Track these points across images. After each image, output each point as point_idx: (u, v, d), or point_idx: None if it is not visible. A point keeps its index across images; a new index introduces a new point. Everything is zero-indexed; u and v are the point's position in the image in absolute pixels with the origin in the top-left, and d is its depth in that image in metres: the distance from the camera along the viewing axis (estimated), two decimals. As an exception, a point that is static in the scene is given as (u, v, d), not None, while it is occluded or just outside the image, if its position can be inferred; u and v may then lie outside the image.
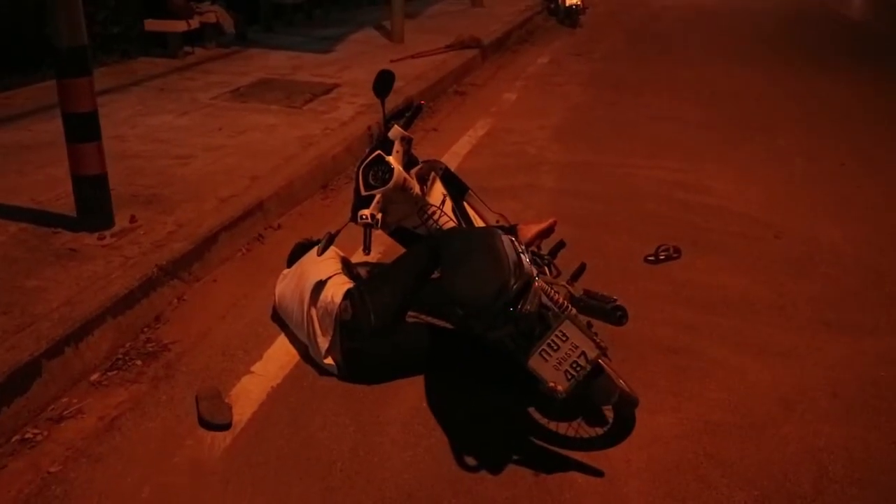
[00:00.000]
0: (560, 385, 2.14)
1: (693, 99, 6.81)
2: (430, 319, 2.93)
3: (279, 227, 3.92)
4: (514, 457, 2.34)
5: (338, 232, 2.83)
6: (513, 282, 2.17)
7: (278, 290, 2.97)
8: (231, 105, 5.58)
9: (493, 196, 3.57)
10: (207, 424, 2.41)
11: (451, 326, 2.90)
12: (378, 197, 2.63)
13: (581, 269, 2.68)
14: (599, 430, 2.39)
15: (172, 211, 3.60)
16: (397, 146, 2.75)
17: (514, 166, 4.93)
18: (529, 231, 2.87)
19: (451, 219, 2.88)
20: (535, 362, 2.16)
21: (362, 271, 3.02)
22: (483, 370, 2.68)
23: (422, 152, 3.16)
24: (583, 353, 2.14)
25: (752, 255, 3.73)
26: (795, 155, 5.33)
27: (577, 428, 2.44)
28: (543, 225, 2.92)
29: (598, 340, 2.15)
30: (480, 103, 6.59)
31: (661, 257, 3.68)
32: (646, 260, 3.66)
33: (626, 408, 2.24)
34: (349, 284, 2.72)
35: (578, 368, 2.13)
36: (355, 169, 2.88)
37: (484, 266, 2.27)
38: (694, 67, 8.22)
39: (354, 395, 2.61)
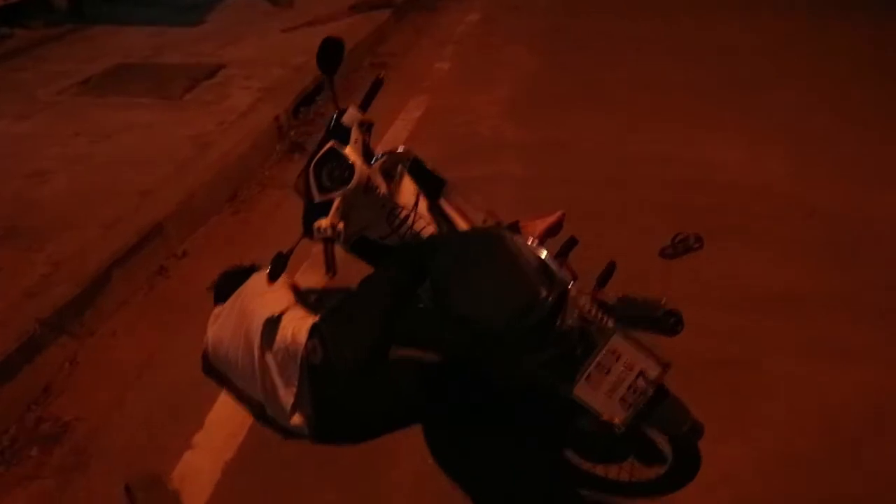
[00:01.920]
0: (617, 417, 2.18)
1: (671, 56, 7.05)
2: (411, 353, 2.93)
3: (184, 254, 3.86)
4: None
5: (290, 251, 2.77)
6: (544, 293, 2.20)
7: (211, 334, 2.92)
8: (84, 101, 5.42)
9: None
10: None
11: (437, 359, 2.91)
12: (337, 202, 2.61)
13: (610, 270, 2.73)
14: (659, 470, 2.44)
15: (42, 246, 3.49)
16: (355, 134, 2.73)
17: (467, 153, 4.98)
18: (535, 228, 2.90)
19: (429, 222, 2.89)
20: (582, 391, 2.20)
21: (316, 299, 3.00)
22: (494, 408, 2.71)
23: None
24: (641, 373, 2.18)
25: (786, 240, 3.91)
26: (810, 112, 5.60)
27: (630, 470, 2.49)
28: (551, 219, 2.95)
29: (658, 355, 2.21)
30: (407, 77, 6.62)
31: (680, 250, 3.79)
32: (662, 254, 3.77)
33: (691, 438, 2.31)
34: (311, 318, 2.70)
35: (638, 393, 2.18)
36: (303, 168, 2.85)
37: (500, 277, 2.29)
38: (667, 18, 8.51)
39: (338, 461, 2.59)
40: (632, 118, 5.56)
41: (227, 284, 3.04)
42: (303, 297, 2.90)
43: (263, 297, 2.83)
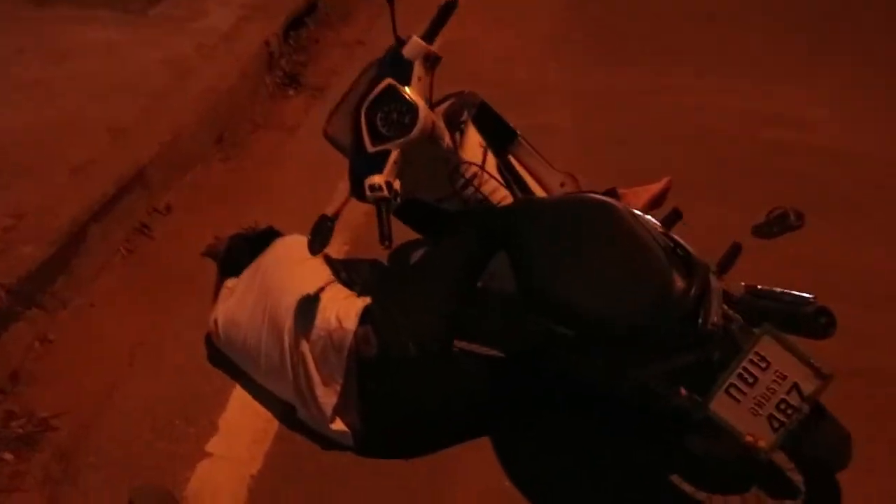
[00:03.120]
0: (763, 439, 2.09)
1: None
2: (476, 348, 2.82)
3: (168, 208, 3.73)
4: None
5: (336, 214, 2.65)
6: (685, 284, 2.12)
7: (221, 313, 2.79)
8: (26, 14, 5.15)
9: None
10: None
11: (510, 355, 2.81)
12: (395, 154, 2.48)
13: (734, 252, 2.63)
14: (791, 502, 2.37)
15: (3, 192, 3.32)
16: (418, 71, 2.59)
17: (504, 100, 4.79)
18: (638, 198, 2.81)
19: (501, 184, 2.78)
20: (720, 406, 2.12)
21: (359, 274, 2.87)
22: (579, 415, 2.64)
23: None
24: (795, 385, 2.10)
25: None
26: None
27: (756, 501, 2.41)
28: (655, 188, 2.87)
29: (816, 364, 2.11)
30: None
31: (778, 228, 3.69)
32: (756, 233, 3.64)
33: (834, 464, 2.22)
34: (359, 299, 2.57)
35: (790, 410, 2.09)
36: (334, 109, 2.76)
37: (622, 261, 2.22)
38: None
39: (390, 476, 2.51)
40: (698, 61, 5.48)
41: (240, 252, 2.93)
42: (336, 271, 2.77)
43: (293, 270, 2.73)
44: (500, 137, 2.94)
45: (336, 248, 3.26)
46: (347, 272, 2.81)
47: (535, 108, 4.67)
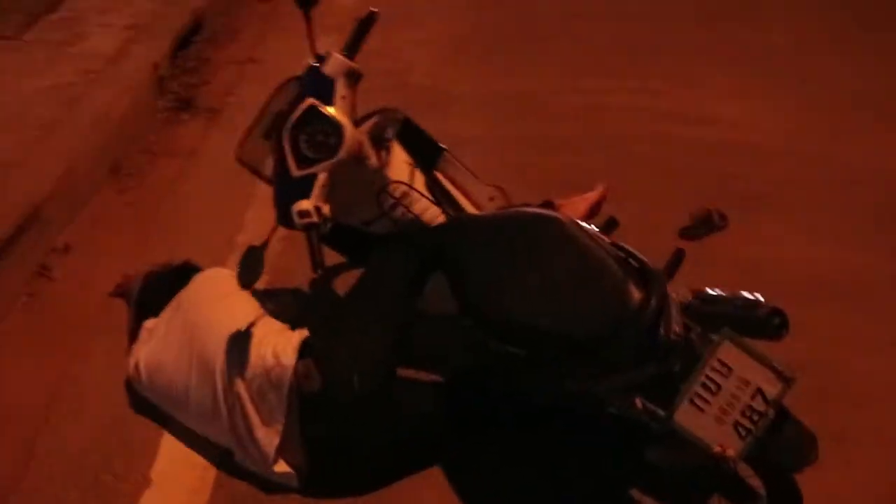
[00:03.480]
0: (731, 447, 2.12)
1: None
2: (418, 374, 2.82)
3: (66, 247, 3.63)
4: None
5: (265, 244, 2.61)
6: (639, 294, 2.14)
7: (142, 357, 2.72)
8: None
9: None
10: None
11: (451, 377, 2.82)
12: (322, 178, 2.46)
13: (678, 258, 2.68)
14: (754, 510, 2.41)
15: None
16: (341, 89, 2.57)
17: (407, 110, 4.83)
18: (576, 208, 2.82)
19: (429, 201, 2.78)
20: (684, 417, 2.14)
21: (285, 307, 2.83)
22: (534, 432, 2.67)
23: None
24: (759, 390, 2.13)
25: (829, 211, 3.98)
26: (815, 52, 5.71)
27: (718, 509, 2.45)
28: (592, 197, 2.90)
29: (777, 366, 2.15)
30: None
31: (703, 229, 3.79)
32: (682, 235, 3.76)
33: (801, 466, 2.27)
34: (294, 333, 2.54)
35: (756, 416, 2.13)
36: (246, 133, 2.77)
37: (568, 272, 2.23)
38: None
39: None
40: (608, 61, 5.56)
41: (157, 290, 2.85)
42: (262, 304, 2.73)
43: (219, 305, 2.68)
44: (425, 154, 2.93)
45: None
46: (273, 304, 2.78)
47: (442, 117, 4.68)
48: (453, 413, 2.64)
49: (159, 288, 2.85)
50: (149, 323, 2.79)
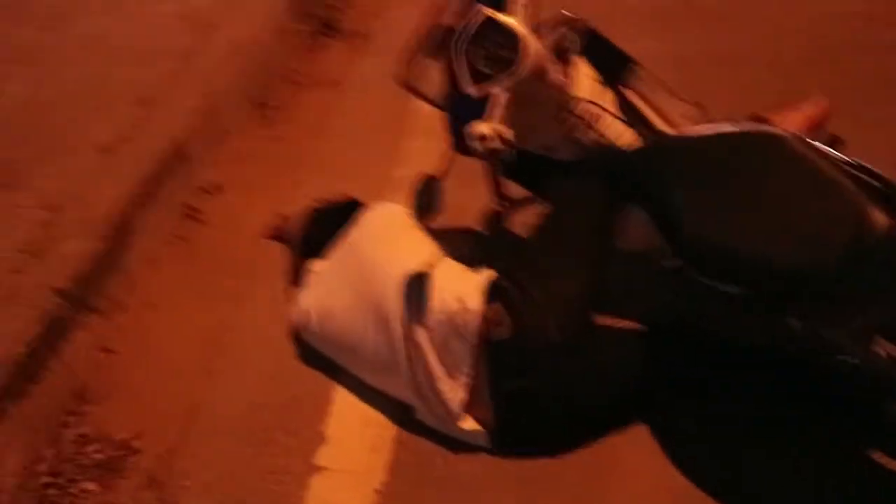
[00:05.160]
0: None
1: None
2: (616, 321, 2.75)
3: (216, 188, 3.69)
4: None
5: (443, 174, 2.60)
6: (882, 217, 2.01)
7: (311, 304, 2.74)
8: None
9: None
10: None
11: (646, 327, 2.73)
12: (502, 96, 2.40)
13: None
14: None
15: (23, 181, 3.33)
16: None
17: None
18: (793, 123, 2.70)
19: (621, 123, 2.70)
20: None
21: (461, 247, 2.79)
22: (753, 392, 2.54)
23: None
24: None
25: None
26: None
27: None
28: (812, 111, 2.76)
29: None
30: None
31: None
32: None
33: None
34: (482, 274, 2.50)
35: None
36: (411, 52, 2.67)
37: (796, 197, 2.12)
38: None
39: (538, 480, 2.44)
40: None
41: (321, 230, 2.85)
42: (440, 243, 2.71)
43: (394, 245, 2.66)
44: (615, 68, 2.85)
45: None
46: (451, 244, 2.74)
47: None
48: (658, 364, 2.57)
49: (324, 227, 2.85)
50: (316, 265, 2.78)
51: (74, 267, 2.91)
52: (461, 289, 2.44)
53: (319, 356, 2.78)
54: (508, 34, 2.43)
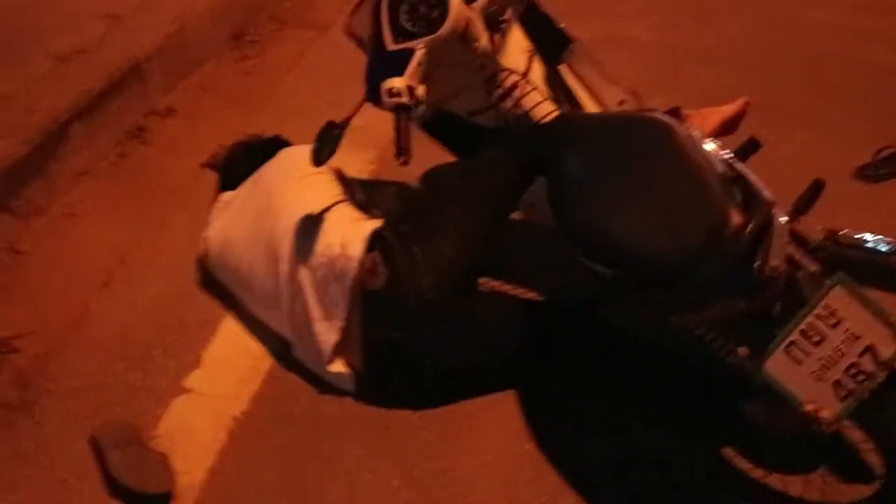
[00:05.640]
0: (826, 409, 2.04)
1: None
2: (509, 288, 2.79)
3: (169, 111, 3.76)
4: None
5: (346, 121, 2.63)
6: (739, 219, 2.07)
7: (214, 232, 2.81)
8: None
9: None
10: (133, 498, 2.26)
11: (541, 296, 2.78)
12: (419, 54, 2.44)
13: (815, 190, 2.56)
14: (863, 492, 2.31)
15: None
16: None
17: (572, 3, 4.75)
18: (706, 120, 2.73)
19: (545, 96, 2.73)
20: (776, 367, 2.06)
21: (377, 196, 2.85)
22: (624, 378, 2.60)
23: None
24: (869, 348, 2.04)
25: None
26: None
27: (821, 487, 2.36)
28: (729, 110, 2.79)
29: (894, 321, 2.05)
30: None
31: (886, 172, 3.62)
32: (859, 174, 3.60)
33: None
34: (370, 222, 2.55)
35: (861, 377, 2.03)
36: (360, 1, 2.70)
37: (670, 188, 2.17)
38: None
39: (395, 428, 2.51)
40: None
41: (240, 162, 2.94)
42: (352, 192, 2.75)
43: (297, 185, 2.71)
44: (551, 43, 2.87)
45: (359, 166, 3.24)
46: (366, 193, 2.79)
47: (611, 16, 4.61)
48: (532, 336, 2.61)
49: (243, 161, 2.93)
50: (225, 196, 2.87)
51: (-7, 168, 2.95)
52: (347, 234, 2.49)
53: (217, 284, 2.84)
54: None
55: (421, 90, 2.39)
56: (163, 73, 3.77)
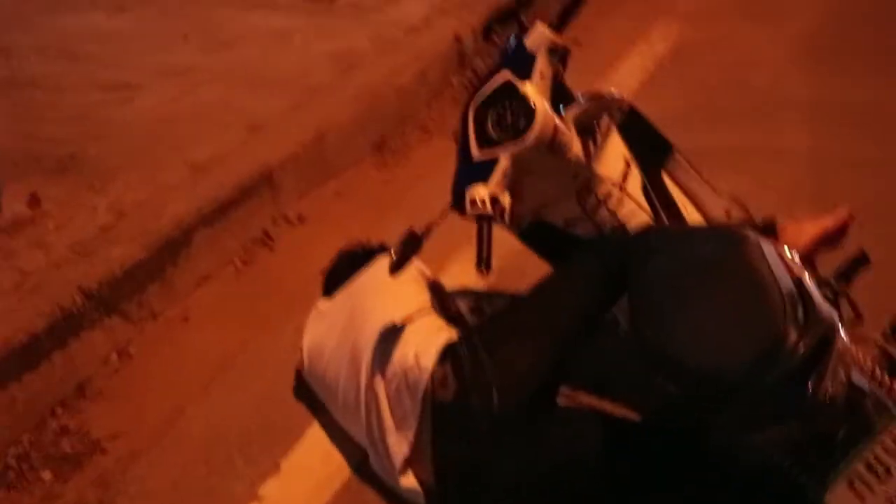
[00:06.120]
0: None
1: None
2: (596, 403, 2.75)
3: (300, 219, 3.85)
4: None
5: (427, 231, 2.66)
6: (795, 336, 1.97)
7: (309, 340, 2.84)
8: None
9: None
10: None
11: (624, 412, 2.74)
12: (504, 164, 2.45)
13: (859, 261, 2.48)
14: None
15: (105, 186, 3.55)
16: (542, 65, 2.56)
17: (729, 110, 4.75)
18: (803, 233, 2.64)
19: (643, 207, 2.69)
20: (837, 500, 1.99)
21: (467, 306, 2.85)
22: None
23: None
24: (944, 491, 1.92)
25: None
26: None
27: None
28: (828, 222, 2.69)
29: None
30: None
31: None
32: None
33: None
34: (449, 333, 2.54)
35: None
36: (462, 109, 2.71)
37: (732, 304, 2.11)
38: None
39: None
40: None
41: (342, 270, 2.97)
42: (442, 300, 2.75)
43: (386, 294, 2.72)
44: (652, 151, 2.84)
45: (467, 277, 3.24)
46: (462, 303, 2.80)
47: (767, 120, 4.56)
48: (626, 459, 2.53)
49: (347, 268, 2.96)
50: (322, 304, 2.91)
51: (109, 271, 3.07)
52: (422, 345, 2.49)
53: (308, 391, 2.87)
54: (522, 102, 2.48)
55: (505, 199, 2.40)
56: (296, 181, 3.88)
